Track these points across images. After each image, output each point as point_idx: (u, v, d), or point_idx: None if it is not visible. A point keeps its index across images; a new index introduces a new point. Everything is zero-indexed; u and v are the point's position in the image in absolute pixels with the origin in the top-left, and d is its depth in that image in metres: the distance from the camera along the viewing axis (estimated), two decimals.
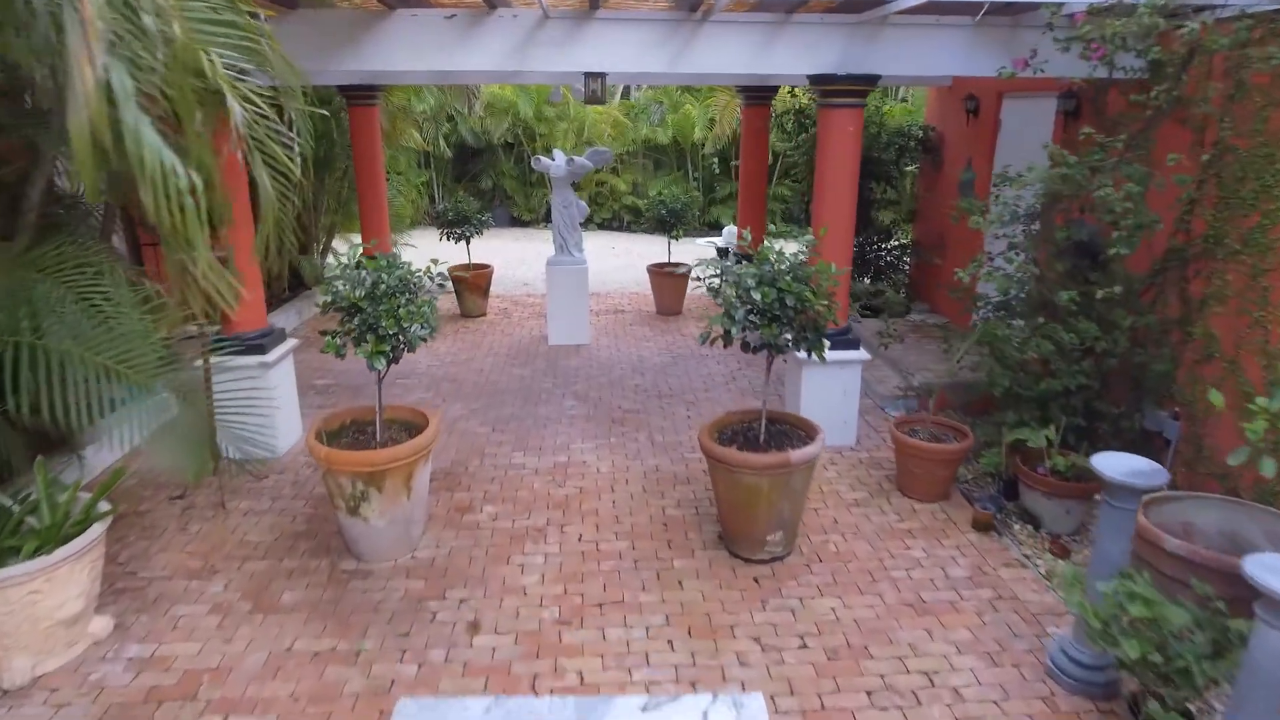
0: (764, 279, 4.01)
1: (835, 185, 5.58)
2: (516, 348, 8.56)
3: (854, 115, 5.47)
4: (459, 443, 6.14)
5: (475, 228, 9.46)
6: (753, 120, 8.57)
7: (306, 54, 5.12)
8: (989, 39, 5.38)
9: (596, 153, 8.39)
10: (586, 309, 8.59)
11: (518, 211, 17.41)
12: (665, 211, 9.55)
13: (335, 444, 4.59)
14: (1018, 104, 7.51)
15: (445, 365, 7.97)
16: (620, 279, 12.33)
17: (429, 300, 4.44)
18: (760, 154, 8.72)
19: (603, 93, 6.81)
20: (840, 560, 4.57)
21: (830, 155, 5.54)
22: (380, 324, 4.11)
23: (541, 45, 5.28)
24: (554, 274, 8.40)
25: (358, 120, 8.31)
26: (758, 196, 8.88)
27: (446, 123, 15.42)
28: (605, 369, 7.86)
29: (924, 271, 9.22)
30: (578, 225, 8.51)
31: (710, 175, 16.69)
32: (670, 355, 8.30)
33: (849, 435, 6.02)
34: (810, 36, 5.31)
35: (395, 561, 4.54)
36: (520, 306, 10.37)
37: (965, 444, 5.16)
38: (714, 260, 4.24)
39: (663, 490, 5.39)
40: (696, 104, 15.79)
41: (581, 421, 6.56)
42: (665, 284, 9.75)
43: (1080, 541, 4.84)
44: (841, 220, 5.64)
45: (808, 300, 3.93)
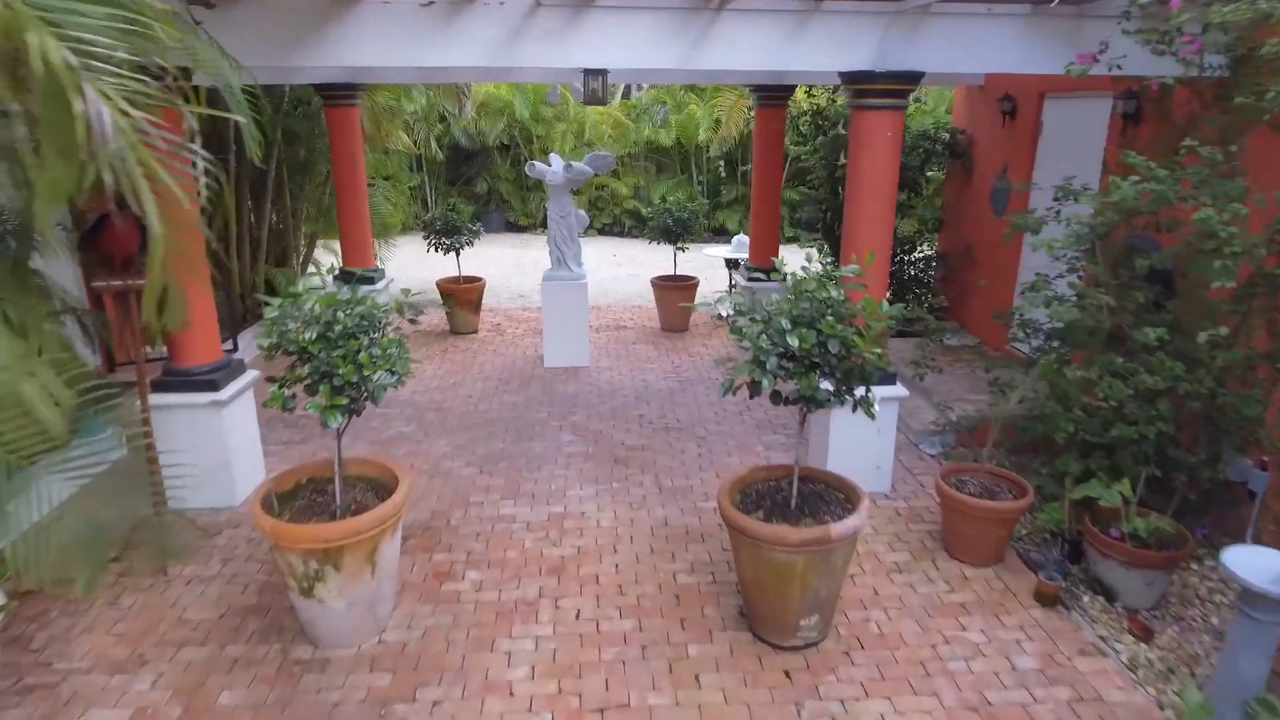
0: (801, 319, 3.30)
1: (872, 199, 4.87)
2: (509, 370, 7.85)
3: (893, 118, 4.76)
4: (442, 488, 5.43)
5: (466, 238, 8.74)
6: (767, 123, 7.87)
7: (257, 47, 4.41)
8: (1048, 31, 4.67)
9: (596, 157, 7.68)
10: (586, 328, 7.88)
11: (514, 216, 16.70)
12: (671, 220, 8.84)
13: (289, 507, 3.88)
14: (1063, 105, 6.80)
15: (431, 391, 7.26)
16: (622, 290, 11.62)
17: (398, 340, 3.73)
18: (774, 159, 8.01)
19: (604, 92, 6.09)
20: (886, 646, 3.86)
21: (866, 164, 4.83)
22: (336, 371, 3.40)
23: (534, 38, 4.57)
24: (550, 290, 7.69)
25: (336, 122, 7.60)
26: (771, 204, 8.17)
27: (439, 124, 14.71)
28: (606, 396, 7.15)
29: (951, 286, 8.51)
30: (576, 236, 7.81)
31: (716, 179, 15.97)
32: (677, 380, 7.59)
33: (883, 481, 5.31)
34: (843, 28, 4.60)
35: (359, 648, 3.83)
36: (515, 322, 9.65)
37: (1024, 501, 4.45)
38: (736, 293, 3.49)
39: (673, 550, 4.68)
40: (702, 104, 15.07)
41: (580, 461, 5.85)
42: (671, 298, 9.04)
43: (1163, 618, 4.13)
44: (879, 239, 4.93)
45: (855, 345, 3.22)
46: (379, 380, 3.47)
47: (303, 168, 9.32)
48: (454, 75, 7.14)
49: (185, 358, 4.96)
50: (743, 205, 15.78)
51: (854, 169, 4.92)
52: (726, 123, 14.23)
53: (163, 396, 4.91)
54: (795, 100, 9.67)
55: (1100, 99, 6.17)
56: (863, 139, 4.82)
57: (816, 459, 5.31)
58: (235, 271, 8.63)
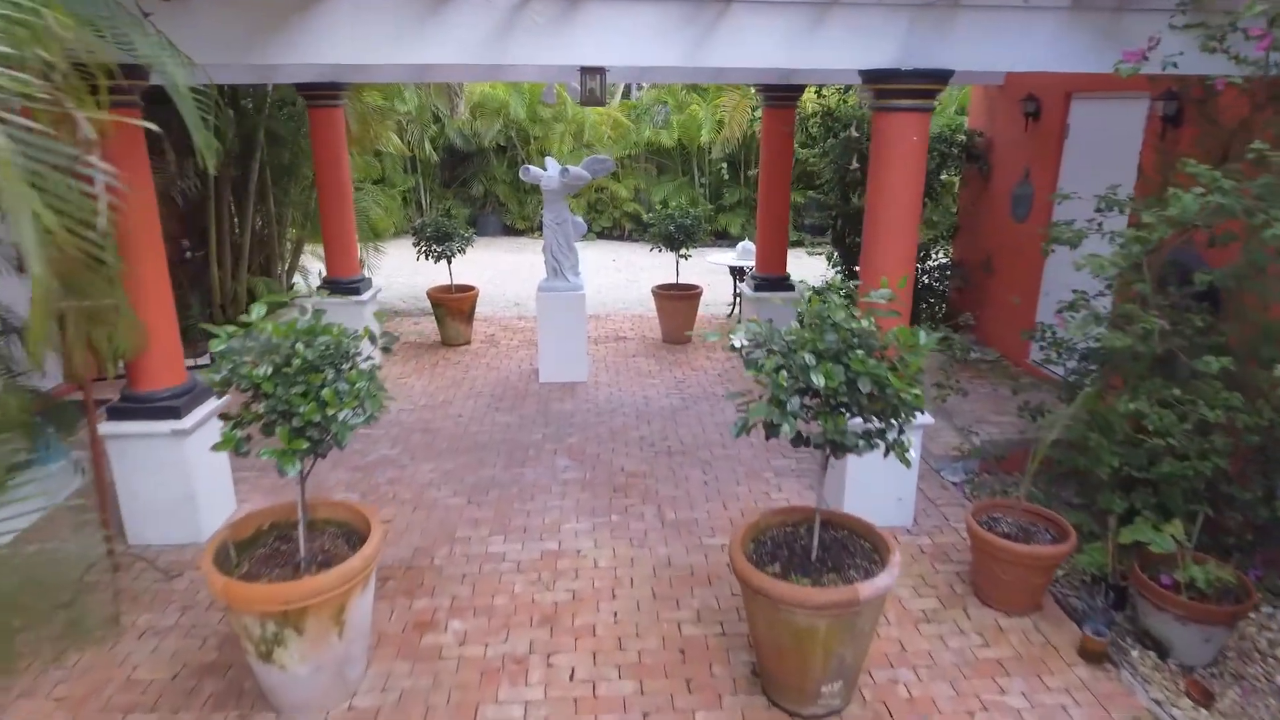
0: (827, 353, 2.88)
1: (895, 209, 4.45)
2: (503, 386, 7.43)
3: (919, 121, 4.34)
4: (426, 521, 5.01)
5: (458, 245, 8.32)
6: (775, 124, 7.45)
7: (220, 43, 3.99)
8: (1090, 26, 4.25)
9: (595, 161, 7.26)
10: (584, 342, 7.46)
11: (511, 219, 16.28)
12: (673, 227, 8.42)
13: (249, 557, 3.47)
14: (1093, 106, 6.39)
15: (419, 410, 6.84)
16: (622, 298, 11.20)
17: (369, 372, 3.31)
18: (783, 162, 7.59)
19: (602, 92, 5.69)
20: (917, 713, 3.44)
21: (888, 171, 4.41)
22: (296, 410, 2.98)
23: (525, 32, 4.15)
24: (546, 302, 7.27)
25: (319, 123, 7.18)
26: (779, 210, 7.75)
27: (433, 124, 14.28)
28: (605, 415, 6.73)
29: (967, 296, 8.10)
30: (574, 244, 7.39)
31: (718, 181, 15.55)
32: (680, 397, 7.17)
33: (905, 515, 4.90)
34: (866, 21, 4.18)
35: (326, 715, 3.41)
36: (509, 332, 9.23)
37: (1066, 546, 4.03)
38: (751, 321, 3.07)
39: (677, 595, 4.26)
40: (704, 104, 14.64)
41: (576, 489, 5.43)
42: (673, 308, 8.63)
43: (1222, 676, 3.72)
44: (902, 252, 4.51)
45: (889, 384, 2.80)
46: (345, 419, 3.05)
47: (288, 171, 8.91)
48: (441, 74, 6.73)
49: (144, 382, 4.54)
50: (746, 208, 15.37)
51: (875, 176, 4.50)
52: (729, 123, 13.82)
53: (119, 424, 4.50)
54: (803, 101, 9.25)
55: (1135, 100, 5.76)
56: (885, 144, 4.39)
57: (832, 491, 4.90)
58: (216, 280, 8.23)
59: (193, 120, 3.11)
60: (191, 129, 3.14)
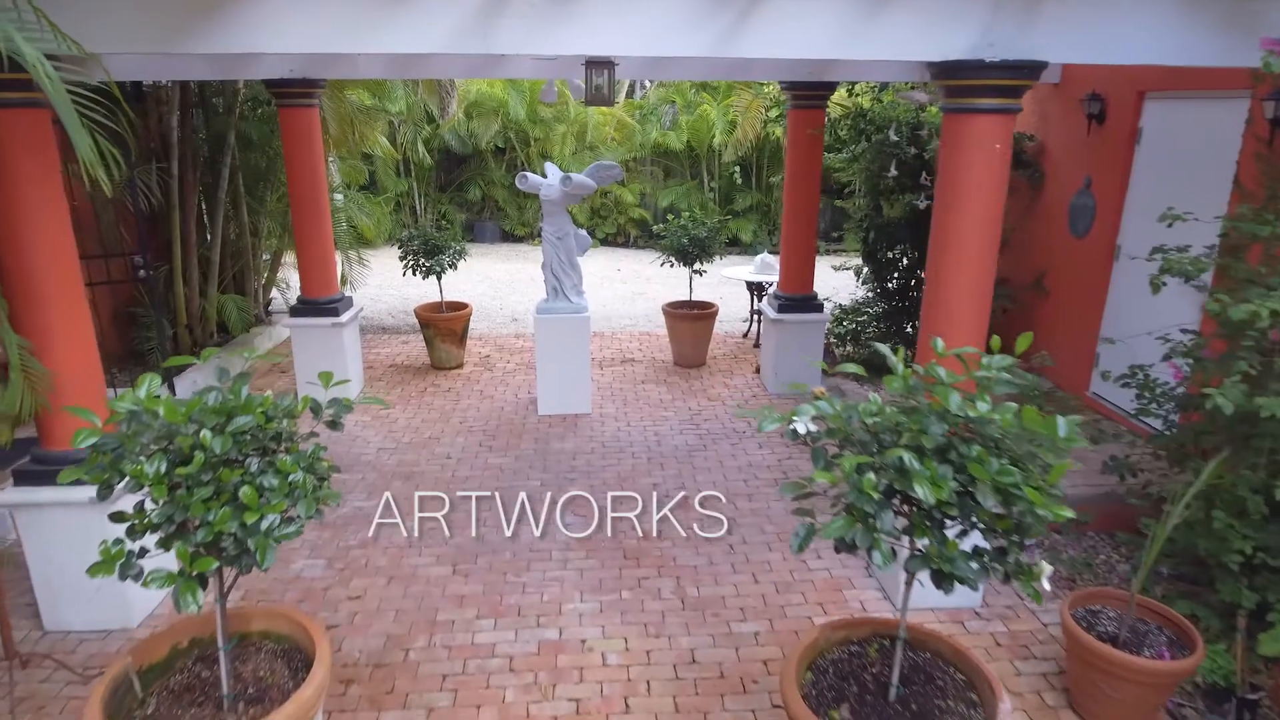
0: (934, 450, 2.08)
1: (971, 237, 3.66)
2: (497, 419, 6.63)
3: (1003, 125, 3.55)
4: (402, 599, 4.22)
5: (449, 259, 7.52)
6: (803, 127, 6.64)
7: (137, 28, 3.20)
8: (1213, 12, 3.45)
9: (601, 167, 6.47)
10: (587, 370, 6.67)
11: (509, 225, 15.48)
12: (687, 240, 7.61)
13: (159, 690, 2.68)
14: (1173, 107, 5.58)
15: (401, 448, 6.04)
16: (628, 313, 10.40)
17: (311, 455, 2.52)
18: (811, 170, 6.79)
19: (610, 90, 4.93)
20: None
21: (963, 189, 3.61)
22: (206, 519, 2.19)
23: (515, 17, 3.36)
24: (545, 327, 6.48)
25: (291, 125, 6.38)
26: (807, 222, 6.95)
27: (426, 125, 13.48)
28: (612, 455, 5.93)
29: (1014, 320, 7.27)
30: (577, 261, 6.59)
31: (730, 185, 14.72)
32: (696, 432, 6.37)
33: (973, 595, 4.10)
34: (937, 3, 3.38)
35: None
36: (506, 353, 8.43)
37: (1193, 659, 3.23)
38: (820, 399, 2.23)
39: (705, 709, 3.46)
40: (715, 104, 13.83)
41: (580, 556, 4.63)
42: (686, 329, 7.83)
43: None
44: (979, 293, 3.73)
45: (1023, 498, 2.00)
46: (271, 528, 2.26)
47: (263, 177, 8.13)
48: (423, 68, 5.96)
49: (58, 439, 3.76)
50: (758, 214, 14.57)
51: (945, 194, 3.70)
52: (742, 124, 13.01)
53: (29, 491, 3.72)
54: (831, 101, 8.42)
55: (1230, 99, 4.95)
56: (959, 153, 3.59)
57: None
58: (181, 298, 7.44)
59: (68, 119, 2.33)
60: (69, 130, 2.35)
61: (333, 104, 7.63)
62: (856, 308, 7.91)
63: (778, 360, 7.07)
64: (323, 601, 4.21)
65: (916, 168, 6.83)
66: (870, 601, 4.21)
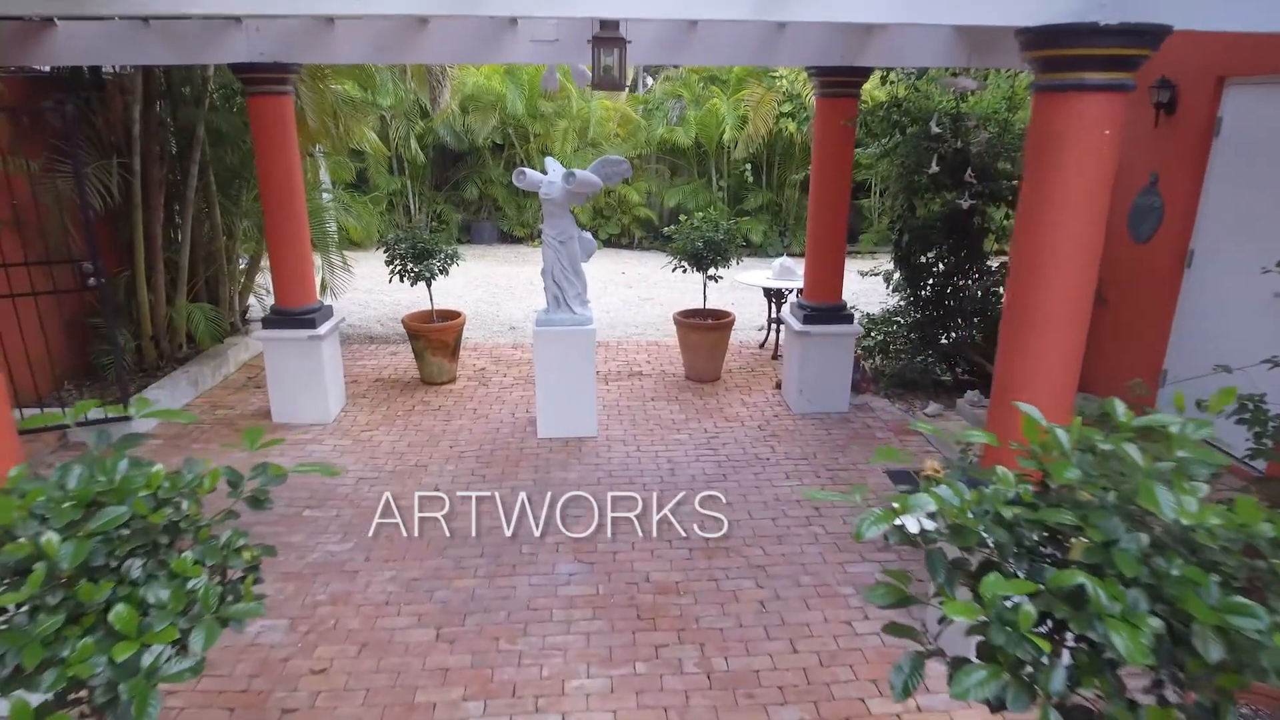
0: (1113, 565, 1.39)
1: (1068, 243, 2.98)
2: (492, 443, 5.95)
3: (1114, 106, 2.88)
4: (375, 674, 3.54)
5: (440, 265, 6.84)
6: (834, 116, 5.96)
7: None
8: None
9: (607, 163, 5.79)
10: (592, 389, 5.99)
11: (508, 226, 14.79)
12: (701, 243, 6.93)
13: None
14: (1261, 94, 4.90)
15: (383, 479, 5.36)
16: (634, 320, 9.72)
17: (225, 546, 1.83)
18: (840, 166, 6.10)
19: (621, 71, 4.28)
20: None
21: (1061, 185, 2.94)
22: (58, 655, 1.51)
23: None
24: (545, 341, 5.80)
25: (261, 114, 5.71)
26: (835, 223, 6.26)
27: (420, 120, 12.80)
28: (621, 488, 5.25)
29: None
30: (580, 268, 5.91)
31: (740, 184, 14.04)
32: (714, 459, 5.69)
33: None
34: None
35: None
36: (503, 366, 7.75)
37: None
38: (944, 492, 1.51)
39: None
40: (725, 98, 13.13)
41: (585, 616, 3.95)
42: (700, 340, 7.15)
43: None
44: (1074, 315, 3.04)
45: (1266, 646, 1.32)
46: (155, 666, 1.57)
47: (237, 174, 7.45)
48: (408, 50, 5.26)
49: None
50: (769, 214, 13.89)
51: (1039, 192, 3.02)
52: (754, 119, 12.34)
53: None
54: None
55: None
56: (1059, 141, 2.92)
57: None
58: (145, 307, 6.77)
59: None
60: None
61: (312, 94, 6.96)
62: (886, 317, 7.23)
63: (802, 377, 6.39)
64: (280, 675, 3.53)
65: (958, 163, 6.15)
66: (936, 679, 3.53)
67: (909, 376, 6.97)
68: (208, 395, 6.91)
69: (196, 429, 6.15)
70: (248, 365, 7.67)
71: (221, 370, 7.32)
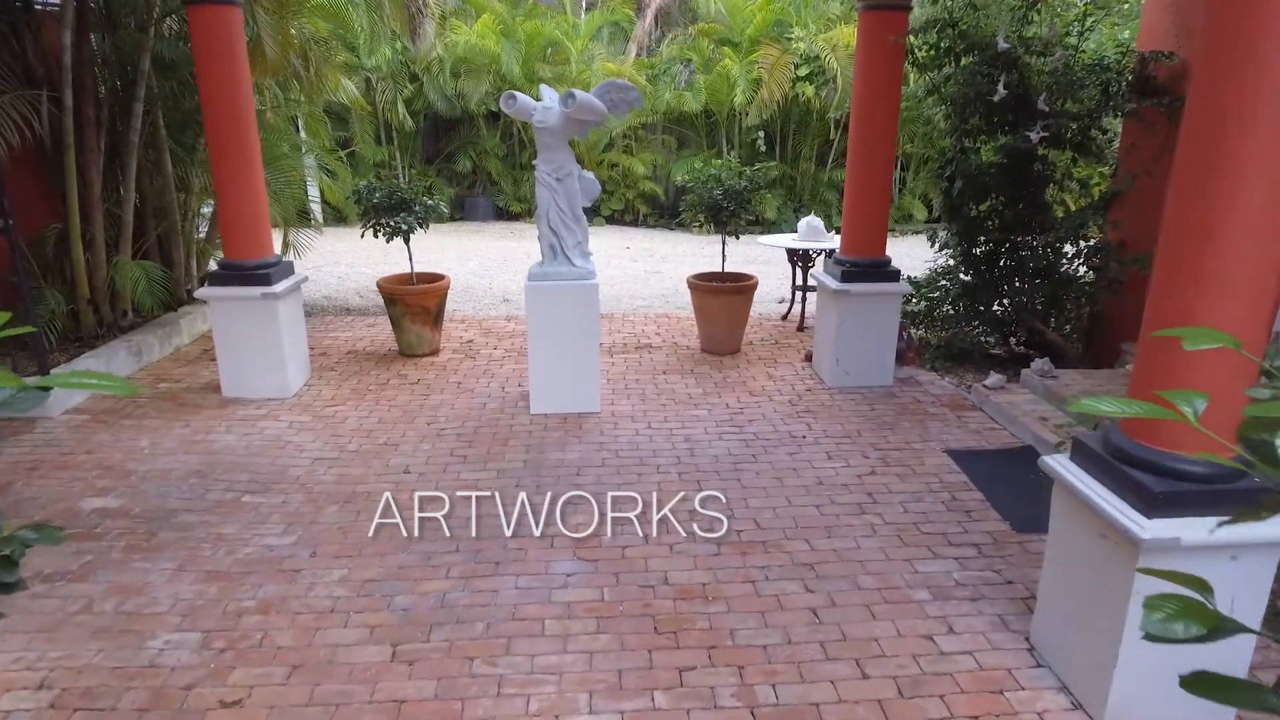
0: None
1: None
2: (476, 419, 5.06)
3: None
4: (304, 703, 2.64)
5: (418, 216, 5.93)
6: (881, 32, 5.04)
7: None
8: None
9: (613, 87, 4.89)
10: (596, 354, 5.09)
11: (504, 201, 13.90)
12: (720, 194, 6.03)
13: None
14: None
15: (343, 459, 4.47)
16: (641, 292, 8.82)
17: None
18: (888, 95, 5.20)
19: None
20: None
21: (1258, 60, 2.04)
22: None
23: None
24: (540, 297, 4.91)
25: (203, 27, 4.82)
26: (881, 163, 5.34)
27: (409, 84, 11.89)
28: (629, 473, 4.35)
29: (1130, 298, 5.63)
30: (580, 212, 5.01)
31: (752, 154, 13.11)
32: (740, 438, 4.79)
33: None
34: None
35: None
36: (493, 338, 6.85)
37: None
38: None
39: None
40: (737, 60, 12.20)
41: (587, 628, 3.05)
42: (718, 306, 6.25)
43: None
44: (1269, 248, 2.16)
45: None
46: None
47: (193, 120, 6.55)
48: None
49: None
50: (784, 188, 12.98)
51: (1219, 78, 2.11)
52: (768, 83, 11.43)
53: None
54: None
55: None
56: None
57: (1080, 666, 2.52)
58: (81, 266, 5.87)
59: None
60: None
61: (273, 20, 6.04)
62: (932, 279, 6.32)
63: (839, 345, 5.48)
64: (179, 710, 2.63)
65: (1022, 94, 5.25)
66: (1054, 713, 2.62)
67: (958, 347, 6.06)
68: (154, 368, 6.02)
69: (132, 403, 5.26)
70: (205, 337, 6.77)
71: (172, 340, 6.43)
